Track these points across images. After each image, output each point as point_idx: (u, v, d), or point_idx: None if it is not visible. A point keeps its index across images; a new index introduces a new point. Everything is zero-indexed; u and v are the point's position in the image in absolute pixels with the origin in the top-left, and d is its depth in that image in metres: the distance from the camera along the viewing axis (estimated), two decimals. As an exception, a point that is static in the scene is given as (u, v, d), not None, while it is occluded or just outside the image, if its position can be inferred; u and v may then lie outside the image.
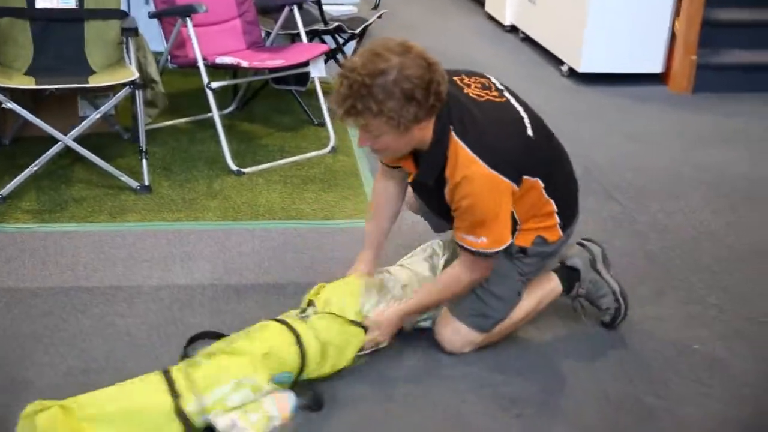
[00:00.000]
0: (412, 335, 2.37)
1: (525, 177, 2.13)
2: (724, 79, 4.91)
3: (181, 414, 1.87)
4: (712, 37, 4.91)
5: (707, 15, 4.86)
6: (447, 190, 2.09)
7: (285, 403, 1.95)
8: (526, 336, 2.42)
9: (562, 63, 5.17)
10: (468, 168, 2.03)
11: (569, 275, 2.44)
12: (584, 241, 2.52)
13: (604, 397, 2.17)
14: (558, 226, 2.31)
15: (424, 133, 2.04)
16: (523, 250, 2.28)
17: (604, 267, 2.48)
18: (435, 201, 2.22)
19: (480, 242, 2.11)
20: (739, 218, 3.28)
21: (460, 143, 2.04)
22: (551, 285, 2.42)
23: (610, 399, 2.16)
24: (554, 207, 2.27)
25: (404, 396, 2.16)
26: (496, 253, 2.14)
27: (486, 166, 2.03)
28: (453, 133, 2.05)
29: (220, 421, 1.89)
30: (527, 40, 5.87)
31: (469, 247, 2.13)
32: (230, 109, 4.22)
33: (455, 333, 2.30)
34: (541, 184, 2.19)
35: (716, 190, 3.55)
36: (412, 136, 2.03)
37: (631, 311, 2.48)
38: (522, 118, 2.17)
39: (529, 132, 2.16)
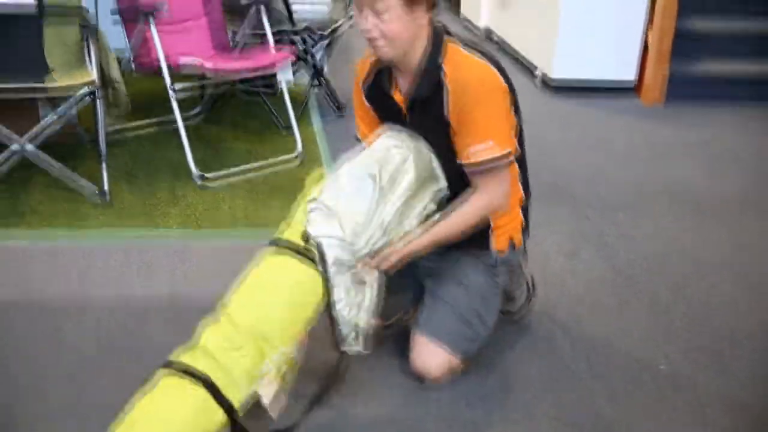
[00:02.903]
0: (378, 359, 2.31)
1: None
2: (696, 91, 4.90)
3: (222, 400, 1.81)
4: (685, 47, 4.91)
5: (680, 25, 4.85)
6: (449, 100, 2.05)
7: None
8: (488, 359, 2.36)
9: (535, 68, 5.14)
10: (470, 67, 2.06)
11: None
12: None
13: (567, 417, 2.13)
14: (522, 229, 2.29)
15: (422, 33, 2.06)
16: (498, 260, 2.24)
17: (523, 258, 2.44)
18: (429, 131, 2.13)
19: (488, 146, 2.06)
20: (705, 231, 3.26)
21: (460, 47, 2.09)
22: None
23: (569, 420, 2.12)
24: (522, 196, 2.25)
25: (369, 421, 2.10)
26: (506, 157, 2.08)
27: (489, 64, 2.07)
28: (449, 42, 2.09)
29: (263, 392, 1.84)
30: (503, 44, 5.84)
31: (479, 159, 2.07)
32: (196, 112, 4.14)
33: (438, 360, 2.19)
34: (517, 169, 2.19)
35: (683, 203, 3.53)
36: (415, 28, 2.04)
37: (596, 324, 2.45)
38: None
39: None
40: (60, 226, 2.98)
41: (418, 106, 2.14)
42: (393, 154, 2.10)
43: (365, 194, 2.03)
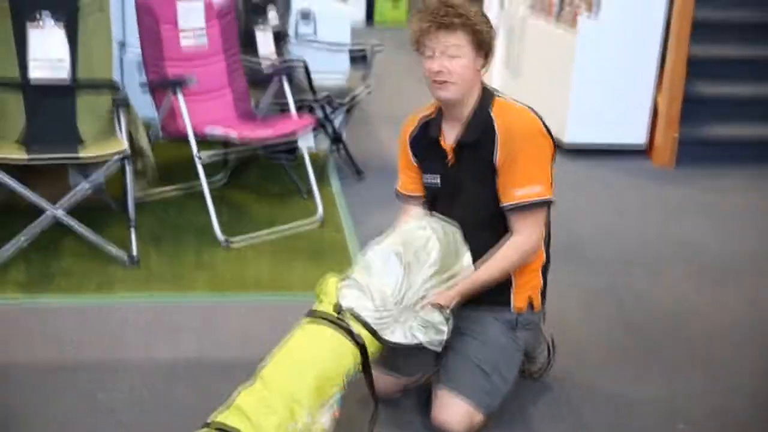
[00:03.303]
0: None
1: None
2: (705, 153, 5.01)
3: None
4: (694, 111, 5.03)
5: (689, 90, 4.98)
6: (498, 146, 2.20)
7: None
8: (509, 416, 2.40)
9: (547, 134, 5.26)
10: (519, 114, 2.26)
11: None
12: None
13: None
14: (540, 292, 2.37)
15: (478, 80, 2.25)
16: (517, 320, 2.32)
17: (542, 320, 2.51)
18: (473, 177, 2.27)
19: (534, 192, 2.20)
20: (719, 291, 3.32)
21: (507, 100, 2.29)
22: None
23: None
24: (544, 258, 2.35)
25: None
26: (549, 202, 2.24)
27: (535, 117, 2.25)
28: (497, 97, 2.29)
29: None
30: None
31: (524, 202, 2.20)
32: (220, 177, 4.27)
33: (460, 414, 2.23)
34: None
35: (694, 263, 3.60)
36: (475, 74, 2.23)
37: (615, 384, 2.50)
38: None
39: None
40: (89, 289, 3.08)
41: (465, 151, 2.28)
42: (418, 236, 2.22)
43: (392, 270, 2.14)
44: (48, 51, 3.46)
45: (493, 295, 2.28)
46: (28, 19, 3.43)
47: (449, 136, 2.31)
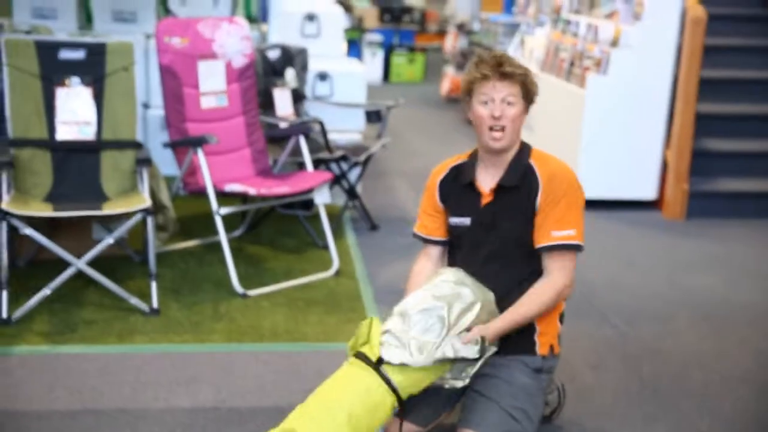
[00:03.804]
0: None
1: None
2: (715, 206, 5.09)
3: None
4: (703, 165, 5.13)
5: (697, 145, 5.09)
6: (541, 190, 2.36)
7: None
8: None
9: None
10: (557, 162, 2.43)
11: None
12: None
13: None
14: (558, 338, 2.46)
15: (519, 133, 2.40)
16: (542, 364, 2.40)
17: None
18: (509, 216, 2.39)
19: (570, 234, 2.34)
20: (727, 343, 3.37)
21: (544, 152, 2.46)
22: None
23: None
24: (563, 307, 2.46)
25: None
26: (581, 248, 2.37)
27: (570, 168, 2.43)
28: (533, 148, 2.47)
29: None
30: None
31: (559, 242, 2.34)
32: (239, 232, 4.39)
33: None
34: None
35: (704, 314, 3.65)
36: (521, 123, 2.40)
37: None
38: None
39: None
40: (111, 339, 3.17)
41: (503, 193, 2.41)
42: (464, 294, 2.30)
43: (434, 332, 2.22)
44: (75, 113, 3.63)
45: (519, 343, 2.38)
46: (56, 83, 3.61)
47: (485, 179, 2.45)
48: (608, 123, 5.04)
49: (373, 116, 4.83)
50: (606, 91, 5.01)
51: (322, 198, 3.91)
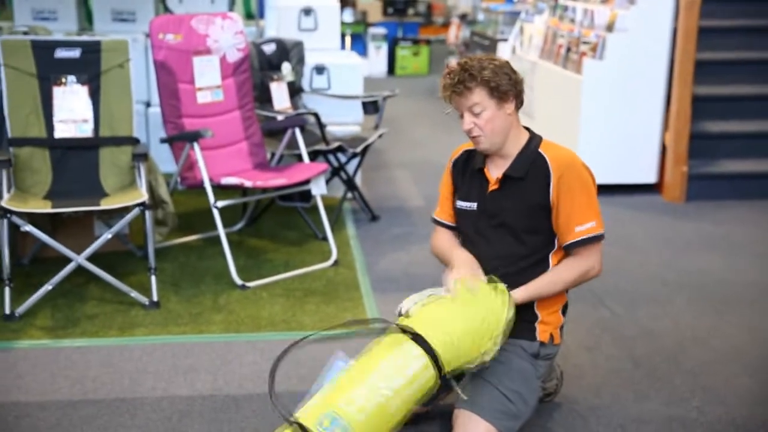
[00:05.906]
0: None
1: None
2: (714, 188, 5.09)
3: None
4: (701, 147, 5.14)
5: (695, 128, 5.09)
6: (552, 181, 2.36)
7: None
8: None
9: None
10: (567, 151, 2.43)
11: None
12: None
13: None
14: (560, 329, 2.50)
15: (514, 119, 2.40)
16: (539, 350, 2.44)
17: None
18: (514, 206, 2.42)
19: (589, 227, 2.38)
20: (723, 323, 3.38)
21: (553, 142, 2.45)
22: None
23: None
24: (566, 299, 2.51)
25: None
26: (602, 237, 2.41)
27: (576, 154, 2.43)
28: (544, 139, 2.46)
29: None
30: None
31: (583, 238, 2.38)
32: (239, 225, 4.44)
33: None
34: None
35: (701, 294, 3.67)
36: (506, 118, 2.38)
37: (615, 415, 2.57)
38: None
39: None
40: (112, 332, 3.23)
41: (509, 183, 2.43)
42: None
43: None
44: (72, 111, 3.69)
45: (520, 330, 2.39)
46: (53, 82, 3.67)
47: (493, 168, 2.48)
48: (606, 107, 5.05)
49: (370, 107, 4.86)
50: (603, 75, 5.03)
51: (318, 189, 3.95)
